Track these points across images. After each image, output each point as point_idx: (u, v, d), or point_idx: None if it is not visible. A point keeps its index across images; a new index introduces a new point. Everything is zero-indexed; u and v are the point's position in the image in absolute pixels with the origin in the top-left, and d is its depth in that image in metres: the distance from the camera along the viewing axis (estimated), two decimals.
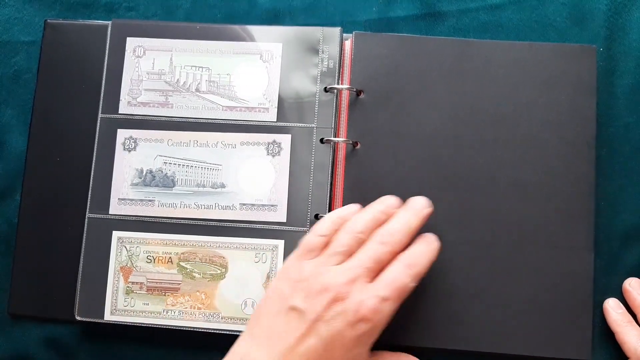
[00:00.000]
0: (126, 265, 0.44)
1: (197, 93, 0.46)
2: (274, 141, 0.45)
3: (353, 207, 0.41)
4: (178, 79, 0.46)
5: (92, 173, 0.46)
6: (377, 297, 0.36)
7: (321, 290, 0.36)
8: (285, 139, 0.45)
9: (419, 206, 0.40)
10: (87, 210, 0.45)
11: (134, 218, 0.45)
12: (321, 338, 0.35)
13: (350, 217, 0.40)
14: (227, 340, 0.39)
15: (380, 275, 0.37)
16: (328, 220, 0.40)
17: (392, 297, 0.36)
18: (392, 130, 0.45)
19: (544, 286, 0.43)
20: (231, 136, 0.45)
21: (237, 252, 0.44)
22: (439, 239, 0.40)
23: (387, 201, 0.41)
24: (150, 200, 0.45)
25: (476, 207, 0.44)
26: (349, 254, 0.38)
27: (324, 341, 0.35)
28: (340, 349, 0.36)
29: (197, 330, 0.44)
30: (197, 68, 0.46)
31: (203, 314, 0.44)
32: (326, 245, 0.39)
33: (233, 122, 0.46)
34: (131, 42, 0.47)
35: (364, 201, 0.41)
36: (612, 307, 0.43)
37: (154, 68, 0.47)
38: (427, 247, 0.39)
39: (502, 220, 0.43)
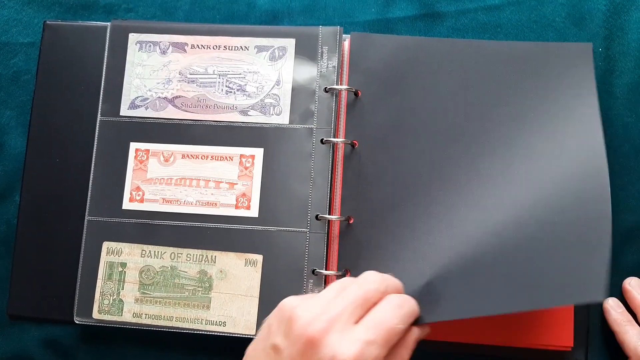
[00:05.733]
0: None
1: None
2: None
3: None
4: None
5: (91, 175, 0.46)
6: (359, 342, 0.32)
7: (299, 331, 0.33)
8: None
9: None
10: (87, 213, 0.45)
11: None
12: None
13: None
14: (226, 341, 0.39)
15: (365, 316, 0.34)
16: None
17: (379, 340, 0.32)
18: (390, 130, 0.45)
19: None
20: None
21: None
22: None
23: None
24: None
25: (475, 206, 0.43)
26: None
27: None
28: None
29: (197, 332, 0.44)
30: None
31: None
32: None
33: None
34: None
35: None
36: (612, 307, 0.43)
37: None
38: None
39: (503, 220, 0.43)
